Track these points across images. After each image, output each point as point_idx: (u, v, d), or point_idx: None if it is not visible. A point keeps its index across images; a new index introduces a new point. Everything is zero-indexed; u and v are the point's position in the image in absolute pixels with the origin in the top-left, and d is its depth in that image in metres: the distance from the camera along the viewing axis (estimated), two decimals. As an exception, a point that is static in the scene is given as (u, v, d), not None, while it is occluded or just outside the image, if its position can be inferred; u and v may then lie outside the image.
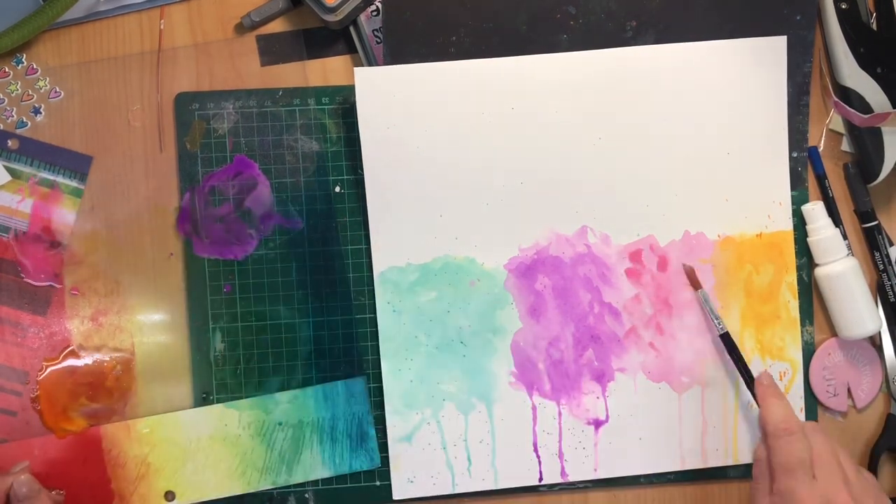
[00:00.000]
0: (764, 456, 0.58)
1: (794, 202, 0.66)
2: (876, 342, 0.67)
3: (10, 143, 0.62)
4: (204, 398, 0.63)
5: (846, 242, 0.66)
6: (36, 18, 0.60)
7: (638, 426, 0.65)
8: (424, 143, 0.63)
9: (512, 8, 0.64)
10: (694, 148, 0.65)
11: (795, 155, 0.66)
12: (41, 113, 0.63)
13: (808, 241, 0.66)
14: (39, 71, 0.63)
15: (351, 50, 0.65)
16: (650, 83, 0.65)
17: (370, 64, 0.64)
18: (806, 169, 0.67)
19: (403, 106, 0.63)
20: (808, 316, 0.66)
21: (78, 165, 0.63)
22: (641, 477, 0.65)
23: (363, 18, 0.63)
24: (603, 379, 0.64)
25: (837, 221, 0.66)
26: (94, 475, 0.61)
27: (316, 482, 0.63)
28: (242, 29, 0.64)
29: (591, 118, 0.64)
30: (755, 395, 0.61)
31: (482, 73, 0.63)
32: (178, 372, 0.63)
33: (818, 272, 0.66)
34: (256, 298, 0.63)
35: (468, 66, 0.63)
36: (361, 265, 0.64)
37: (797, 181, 0.66)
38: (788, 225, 0.66)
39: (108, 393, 0.62)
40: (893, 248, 0.67)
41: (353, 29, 0.64)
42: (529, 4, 0.64)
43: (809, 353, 0.67)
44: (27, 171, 0.62)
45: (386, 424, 0.63)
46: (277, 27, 0.64)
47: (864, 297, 0.65)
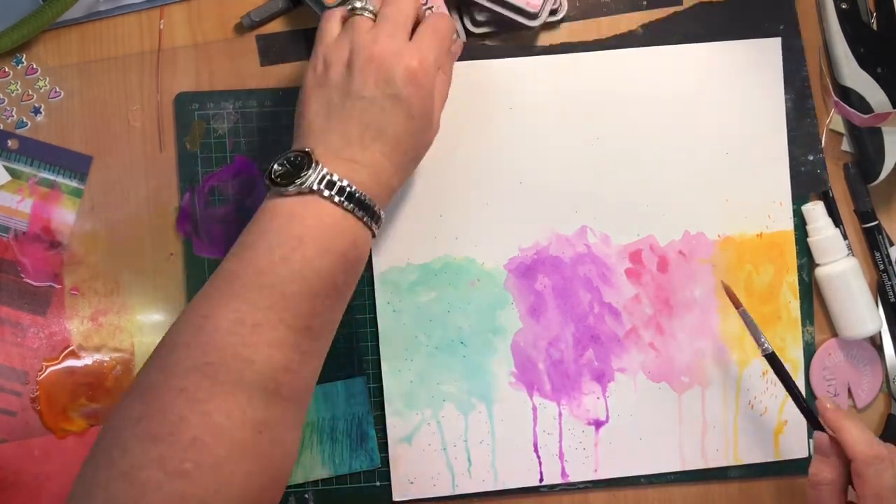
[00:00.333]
0: (829, 479, 0.57)
1: (795, 202, 0.66)
2: (876, 342, 0.67)
3: (10, 143, 0.62)
4: (204, 398, 0.62)
5: (846, 242, 0.66)
6: (36, 18, 0.60)
7: (638, 426, 0.64)
8: (424, 143, 0.63)
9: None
10: (693, 148, 0.65)
11: (812, 157, 0.66)
12: (41, 113, 0.63)
13: (808, 241, 0.66)
14: (39, 71, 0.63)
15: (351, 50, 0.65)
16: (649, 84, 0.65)
17: (370, 64, 0.63)
18: (825, 171, 0.66)
19: (403, 106, 0.63)
20: (808, 316, 0.66)
21: (78, 165, 0.62)
22: (642, 477, 0.65)
23: (363, 18, 0.63)
24: (603, 379, 0.64)
25: (837, 221, 0.66)
26: (93, 475, 0.61)
27: (316, 482, 0.63)
28: (242, 29, 0.64)
29: (590, 118, 0.64)
30: (817, 420, 0.59)
31: (482, 73, 0.63)
32: (177, 372, 0.62)
33: (818, 272, 0.66)
34: (256, 298, 0.63)
35: (468, 66, 0.63)
36: (361, 265, 0.63)
37: (818, 184, 0.66)
38: (789, 225, 0.66)
39: (108, 393, 0.62)
40: (893, 248, 0.67)
41: (353, 29, 0.64)
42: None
43: (810, 353, 0.66)
44: (27, 171, 0.62)
45: (386, 425, 0.63)
46: (277, 27, 0.64)
47: (864, 297, 0.65)
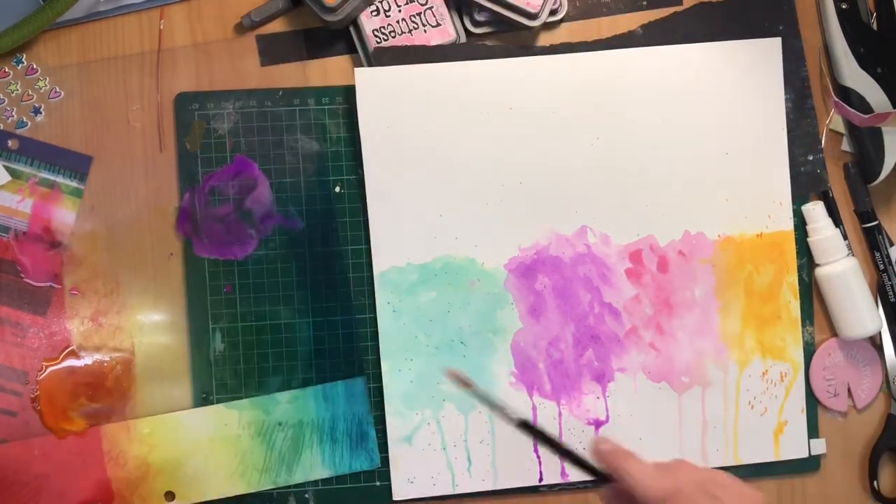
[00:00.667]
0: None
1: (795, 202, 0.66)
2: (876, 342, 0.67)
3: (10, 143, 0.62)
4: (204, 398, 0.63)
5: (846, 242, 0.66)
6: (36, 18, 0.60)
7: (638, 426, 0.64)
8: (424, 143, 0.63)
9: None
10: (693, 148, 0.65)
11: (812, 157, 0.66)
12: (41, 113, 0.63)
13: (808, 241, 0.66)
14: (39, 71, 0.63)
15: (351, 50, 0.65)
16: (649, 84, 0.65)
17: (370, 64, 0.64)
18: (825, 171, 0.66)
19: (403, 106, 0.63)
20: (808, 316, 0.66)
21: (78, 165, 0.62)
22: (641, 477, 0.65)
23: (363, 18, 0.63)
24: (603, 379, 0.64)
25: (837, 221, 0.66)
26: (94, 475, 0.61)
27: (316, 482, 0.63)
28: (242, 29, 0.64)
29: (590, 119, 0.64)
30: (597, 471, 0.53)
31: (482, 73, 0.63)
32: (178, 372, 0.63)
33: (818, 272, 0.66)
34: (256, 298, 0.63)
35: (468, 66, 0.63)
36: (361, 265, 0.64)
37: (818, 183, 0.66)
38: (789, 225, 0.66)
39: (108, 393, 0.62)
40: (893, 248, 0.67)
41: (353, 29, 0.64)
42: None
43: (810, 353, 0.66)
44: (27, 171, 0.62)
45: (386, 425, 0.63)
46: (277, 27, 0.64)
47: (864, 297, 0.65)
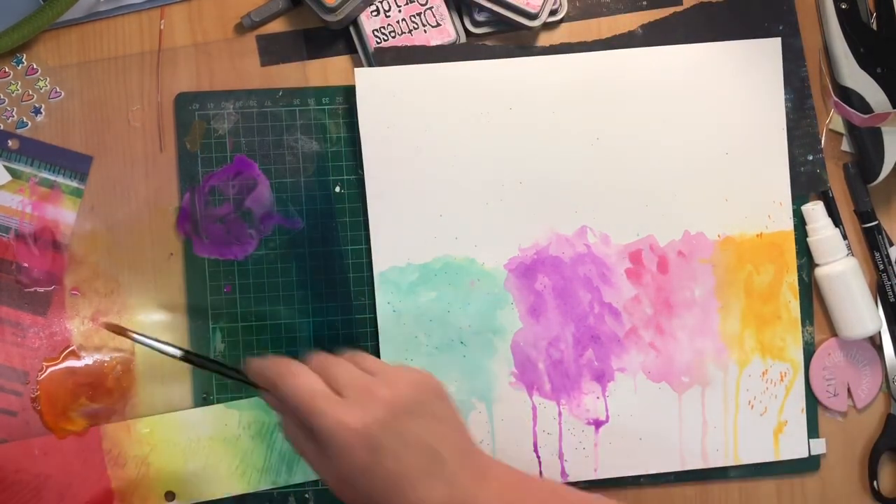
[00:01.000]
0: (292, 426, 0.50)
1: (795, 202, 0.66)
2: (876, 342, 0.67)
3: (10, 143, 0.62)
4: (204, 398, 0.63)
5: (846, 242, 0.66)
6: (36, 18, 0.60)
7: (638, 426, 0.64)
8: (424, 143, 0.63)
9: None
10: (693, 148, 0.65)
11: (811, 157, 0.66)
12: (41, 113, 0.63)
13: (808, 241, 0.66)
14: (39, 71, 0.63)
15: (351, 50, 0.65)
16: (649, 84, 0.65)
17: (370, 64, 0.64)
18: (825, 171, 0.66)
19: (403, 106, 0.63)
20: (808, 316, 0.66)
21: (78, 165, 0.62)
22: (641, 477, 0.65)
23: (363, 18, 0.63)
24: (603, 379, 0.64)
25: (837, 221, 0.66)
26: (94, 475, 0.61)
27: (316, 482, 0.63)
28: (242, 29, 0.64)
29: (589, 119, 0.64)
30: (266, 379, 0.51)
31: (482, 73, 0.63)
32: (178, 372, 0.63)
33: (818, 272, 0.66)
34: (256, 298, 0.63)
35: (468, 66, 0.63)
36: (361, 265, 0.64)
37: (818, 183, 0.66)
38: (789, 225, 0.66)
39: (108, 393, 0.62)
40: (893, 248, 0.67)
41: (353, 29, 0.64)
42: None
43: (809, 353, 0.66)
44: (27, 171, 0.62)
45: (386, 424, 0.63)
46: (277, 27, 0.64)
47: (864, 297, 0.65)
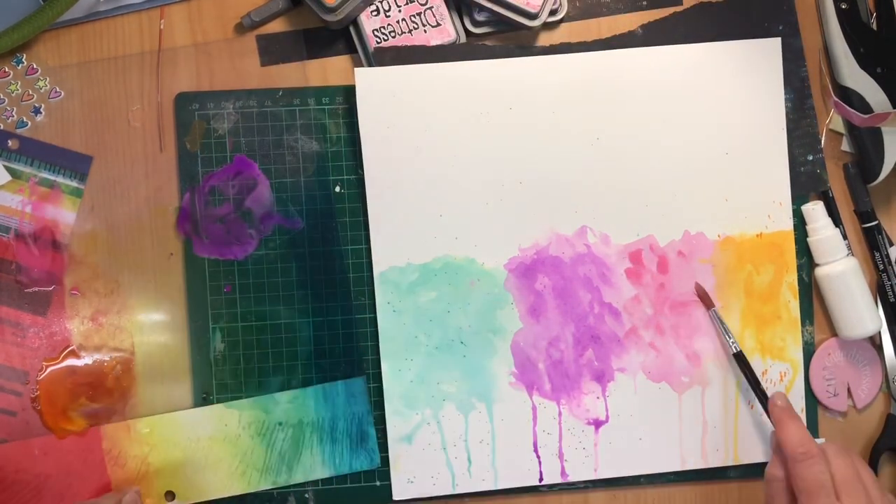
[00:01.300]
0: (780, 476, 0.58)
1: (794, 202, 0.66)
2: (876, 342, 0.67)
3: (10, 143, 0.62)
4: (204, 398, 0.63)
5: (846, 242, 0.66)
6: (36, 18, 0.60)
7: (638, 426, 0.65)
8: (424, 143, 0.63)
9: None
10: (693, 148, 0.65)
11: (811, 157, 0.66)
12: (41, 113, 0.63)
13: (808, 241, 0.66)
14: (39, 71, 0.63)
15: (351, 50, 0.65)
16: (649, 84, 0.65)
17: (370, 64, 0.64)
18: (825, 170, 0.66)
19: (403, 106, 0.63)
20: (808, 316, 0.66)
21: (78, 165, 0.62)
22: (641, 477, 0.65)
23: (363, 18, 0.63)
24: (603, 379, 0.64)
25: (837, 221, 0.66)
26: (94, 475, 0.61)
27: (316, 482, 0.63)
28: (242, 29, 0.64)
29: (589, 119, 0.64)
30: (769, 415, 0.61)
31: (482, 73, 0.63)
32: (178, 372, 0.63)
33: (818, 272, 0.66)
34: (256, 298, 0.63)
35: (468, 66, 0.63)
36: (361, 265, 0.64)
37: (818, 183, 0.66)
38: (789, 225, 0.66)
39: (108, 393, 0.62)
40: (893, 248, 0.67)
41: (353, 29, 0.64)
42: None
43: (809, 353, 0.66)
44: (27, 171, 0.62)
45: (386, 424, 0.63)
46: (277, 27, 0.64)
47: (864, 297, 0.65)
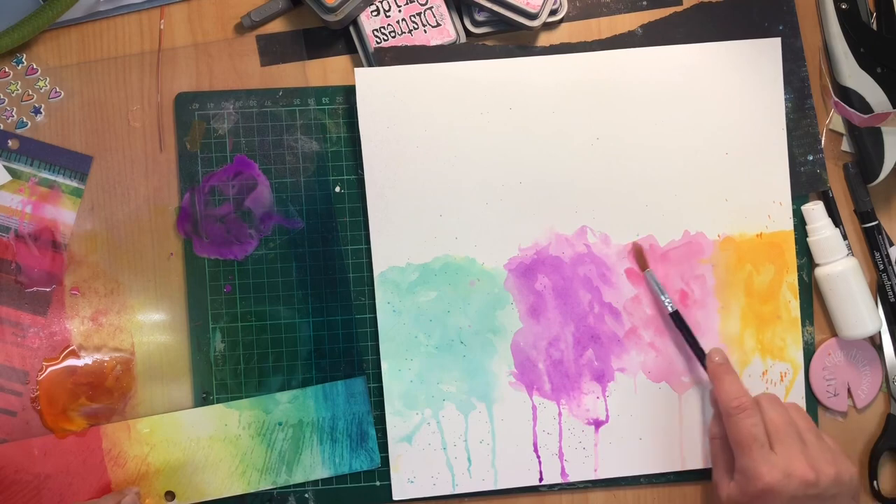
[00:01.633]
0: (719, 433, 0.60)
1: (795, 202, 0.66)
2: (876, 342, 0.67)
3: (10, 143, 0.62)
4: (204, 398, 0.63)
5: (846, 242, 0.66)
6: (36, 18, 0.60)
7: (638, 426, 0.65)
8: (424, 143, 0.63)
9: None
10: (693, 148, 0.65)
11: (811, 157, 0.66)
12: (41, 113, 0.63)
13: (808, 241, 0.66)
14: (39, 71, 0.63)
15: (351, 50, 0.65)
16: (649, 84, 0.65)
17: (370, 64, 0.64)
18: (825, 170, 0.66)
19: (403, 106, 0.63)
20: (808, 316, 0.66)
21: (78, 165, 0.63)
22: (641, 477, 0.65)
23: (363, 18, 0.63)
24: (603, 379, 0.64)
25: (837, 221, 0.66)
26: (94, 475, 0.61)
27: (316, 482, 0.63)
28: (242, 29, 0.64)
29: (589, 119, 0.64)
30: (707, 371, 0.62)
31: (482, 73, 0.63)
32: (178, 372, 0.63)
33: (818, 272, 0.66)
34: (256, 298, 0.63)
35: (468, 66, 0.63)
36: (361, 265, 0.64)
37: (818, 183, 0.66)
38: (789, 225, 0.66)
39: (108, 393, 0.62)
40: (893, 248, 0.67)
41: (353, 29, 0.64)
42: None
43: (809, 353, 0.66)
44: (27, 171, 0.62)
45: (386, 424, 0.63)
46: (277, 27, 0.64)
47: (864, 297, 0.65)
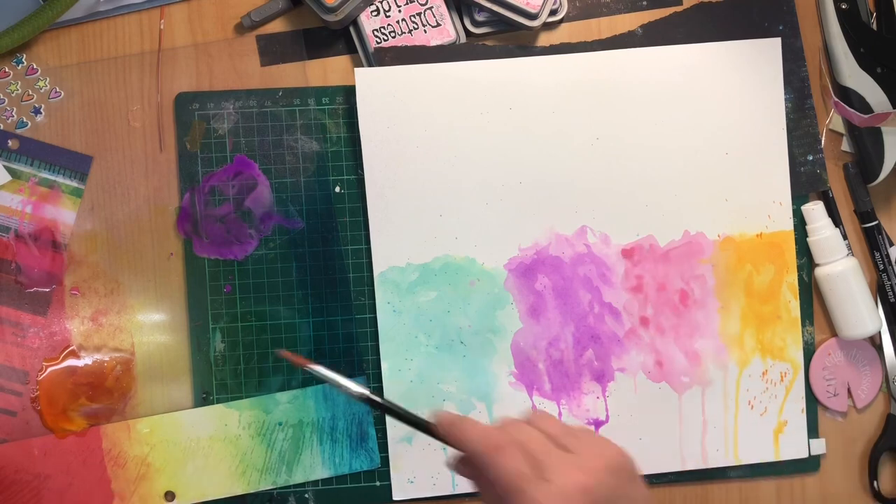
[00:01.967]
0: (476, 476, 0.49)
1: (794, 202, 0.66)
2: (876, 342, 0.67)
3: (10, 143, 0.62)
4: (204, 398, 0.63)
5: (846, 242, 0.66)
6: (36, 18, 0.60)
7: (638, 426, 0.65)
8: (424, 143, 0.63)
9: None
10: (693, 148, 0.65)
11: (811, 157, 0.66)
12: (41, 113, 0.63)
13: (808, 241, 0.66)
14: (39, 71, 0.63)
15: (351, 50, 0.65)
16: (649, 84, 0.65)
17: (370, 64, 0.64)
18: (825, 170, 0.66)
19: (403, 106, 0.63)
20: (808, 316, 0.66)
21: (78, 165, 0.62)
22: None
23: (363, 18, 0.63)
24: (603, 379, 0.64)
25: (837, 221, 0.66)
26: (94, 475, 0.61)
27: (316, 482, 0.63)
28: (242, 29, 0.64)
29: (589, 119, 0.64)
30: (440, 438, 0.49)
31: (482, 73, 0.63)
32: (178, 372, 0.63)
33: (818, 272, 0.66)
34: (256, 298, 0.63)
35: (468, 66, 0.63)
36: (361, 265, 0.64)
37: (818, 183, 0.66)
38: (789, 225, 0.66)
39: (108, 393, 0.62)
40: (893, 248, 0.67)
41: (353, 29, 0.64)
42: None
43: (810, 353, 0.66)
44: (27, 171, 0.62)
45: (386, 425, 0.63)
46: (277, 27, 0.64)
47: (864, 297, 0.65)
